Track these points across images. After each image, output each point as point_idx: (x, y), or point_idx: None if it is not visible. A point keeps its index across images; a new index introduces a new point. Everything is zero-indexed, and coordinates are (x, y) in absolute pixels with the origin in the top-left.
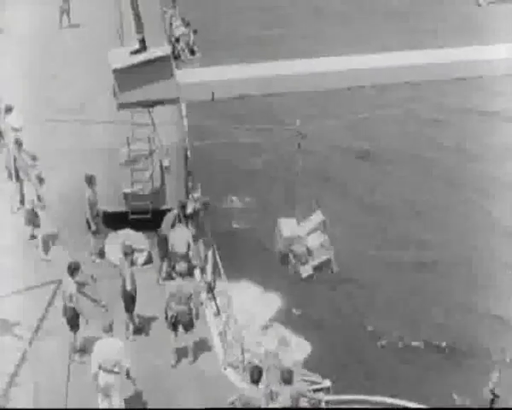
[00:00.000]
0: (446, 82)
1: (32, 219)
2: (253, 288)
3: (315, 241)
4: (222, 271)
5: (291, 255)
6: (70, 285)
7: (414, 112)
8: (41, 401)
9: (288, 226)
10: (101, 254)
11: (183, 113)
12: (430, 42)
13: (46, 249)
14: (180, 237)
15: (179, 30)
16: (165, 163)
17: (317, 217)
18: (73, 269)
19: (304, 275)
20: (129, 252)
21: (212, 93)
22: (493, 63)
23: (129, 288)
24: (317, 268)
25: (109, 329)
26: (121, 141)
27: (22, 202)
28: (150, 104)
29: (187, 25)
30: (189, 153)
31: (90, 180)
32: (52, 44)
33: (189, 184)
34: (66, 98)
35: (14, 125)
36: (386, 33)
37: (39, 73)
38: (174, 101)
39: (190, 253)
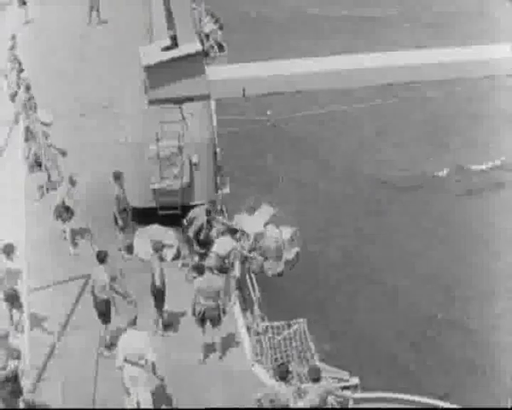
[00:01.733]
0: None
1: (62, 214)
2: None
3: (286, 234)
4: None
5: (255, 253)
6: (101, 275)
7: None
8: (69, 396)
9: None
10: (130, 249)
11: (213, 109)
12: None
13: (75, 244)
14: (224, 243)
15: (208, 26)
16: (194, 159)
17: (267, 209)
18: (103, 256)
19: (277, 271)
20: (158, 248)
21: (243, 90)
22: None
23: (158, 283)
24: (288, 262)
25: (134, 323)
26: (150, 137)
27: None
28: (180, 101)
29: (215, 21)
30: (217, 149)
31: (118, 176)
32: (81, 40)
33: (218, 179)
34: (95, 94)
35: (45, 120)
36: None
37: (69, 69)
38: (205, 97)
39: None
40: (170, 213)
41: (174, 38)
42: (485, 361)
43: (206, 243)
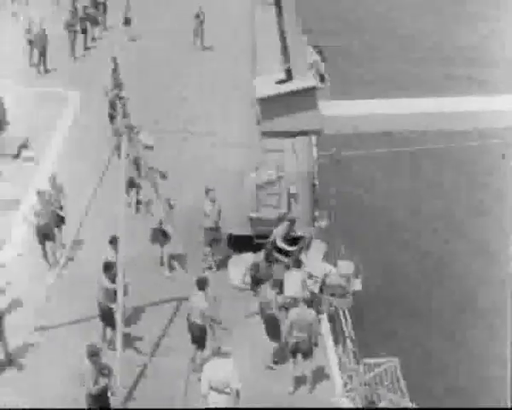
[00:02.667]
0: None
1: (158, 238)
2: None
3: (349, 269)
4: None
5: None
6: (201, 302)
7: None
8: None
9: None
10: None
11: (313, 141)
12: None
13: (171, 267)
14: (293, 279)
15: (312, 58)
16: (293, 190)
17: (319, 246)
18: (204, 283)
19: (347, 306)
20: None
21: (356, 127)
22: None
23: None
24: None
25: (218, 351)
26: (250, 165)
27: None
28: (293, 134)
29: (318, 52)
30: (316, 181)
31: (208, 193)
32: (185, 65)
33: (316, 212)
34: (196, 119)
35: (147, 142)
36: None
37: (173, 94)
38: (318, 132)
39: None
40: (265, 241)
41: (289, 72)
42: None
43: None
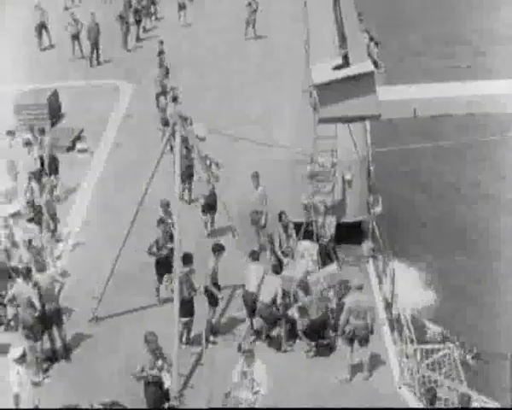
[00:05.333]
0: None
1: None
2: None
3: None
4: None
5: None
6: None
7: None
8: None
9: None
10: None
11: (367, 127)
12: None
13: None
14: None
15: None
16: (347, 176)
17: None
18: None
19: None
20: None
21: (414, 110)
22: None
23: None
24: None
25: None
26: (304, 153)
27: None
28: (351, 120)
29: (371, 39)
30: (371, 168)
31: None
32: (238, 55)
33: (370, 198)
34: (250, 110)
35: (200, 134)
36: None
37: (225, 84)
38: (375, 117)
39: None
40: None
41: (346, 57)
42: None
43: None
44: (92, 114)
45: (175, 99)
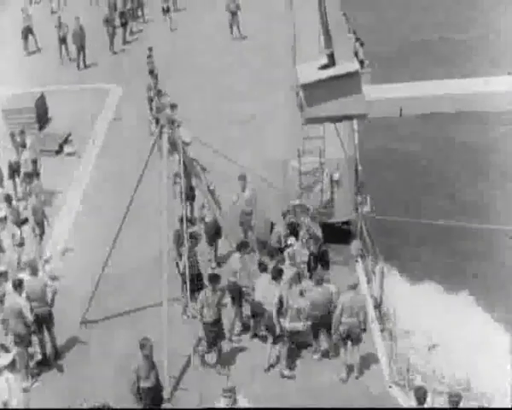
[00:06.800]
0: None
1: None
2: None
3: None
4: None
5: None
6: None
7: None
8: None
9: None
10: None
11: (355, 127)
12: None
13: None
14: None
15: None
16: (335, 177)
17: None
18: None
19: None
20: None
21: (400, 109)
22: None
23: None
24: None
25: None
26: (292, 153)
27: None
28: (338, 119)
29: (356, 39)
30: (359, 167)
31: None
32: (224, 55)
33: (359, 198)
34: (238, 110)
35: (185, 139)
36: None
37: (212, 82)
38: (362, 116)
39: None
40: None
41: (332, 57)
42: None
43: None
44: (80, 117)
45: (173, 106)
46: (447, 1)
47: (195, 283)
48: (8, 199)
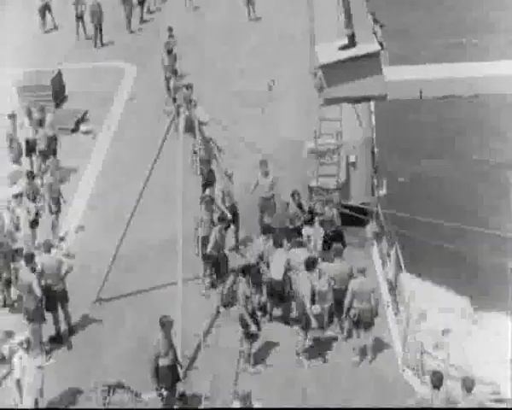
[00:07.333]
0: None
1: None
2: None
3: None
4: (403, 269)
5: None
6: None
7: None
8: (217, 388)
9: None
10: None
11: (372, 109)
12: None
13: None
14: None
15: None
16: (352, 159)
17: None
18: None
19: None
20: None
21: (420, 91)
22: None
23: None
24: None
25: None
26: (308, 135)
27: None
28: (357, 100)
29: (375, 21)
30: (375, 149)
31: (261, 165)
32: (240, 36)
33: (375, 180)
34: (253, 91)
35: (202, 119)
36: None
37: (228, 66)
38: (382, 98)
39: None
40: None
41: (352, 37)
42: None
43: None
44: (96, 96)
45: (189, 87)
46: None
47: (222, 266)
48: (29, 175)
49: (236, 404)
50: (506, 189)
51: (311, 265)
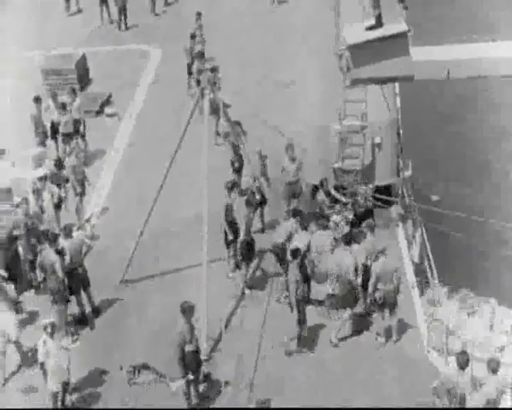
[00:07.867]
0: None
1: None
2: None
3: None
4: (429, 251)
5: None
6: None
7: None
8: (242, 372)
9: None
10: None
11: (397, 90)
12: None
13: None
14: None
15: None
16: (377, 140)
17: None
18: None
19: None
20: None
21: (448, 72)
22: None
23: None
24: None
25: None
26: (331, 117)
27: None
28: (383, 81)
29: (400, 1)
30: (401, 131)
31: (287, 150)
32: (264, 20)
33: (400, 161)
34: (278, 74)
35: (225, 101)
36: None
37: (254, 47)
38: (409, 78)
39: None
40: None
41: (379, 18)
42: None
43: None
44: (120, 79)
45: (214, 70)
46: None
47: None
48: (57, 164)
49: None
50: None
51: (349, 240)
